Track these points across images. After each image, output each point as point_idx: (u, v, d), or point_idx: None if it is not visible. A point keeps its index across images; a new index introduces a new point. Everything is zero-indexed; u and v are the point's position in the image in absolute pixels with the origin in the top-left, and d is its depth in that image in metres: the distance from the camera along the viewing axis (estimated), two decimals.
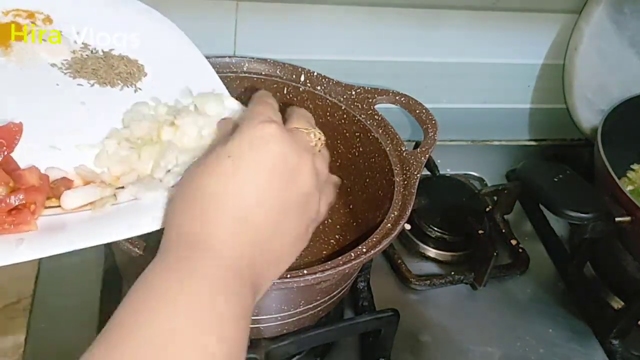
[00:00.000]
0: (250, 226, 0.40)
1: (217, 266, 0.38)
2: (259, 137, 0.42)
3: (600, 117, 0.81)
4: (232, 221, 0.40)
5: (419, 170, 0.62)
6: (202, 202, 0.41)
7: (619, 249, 0.75)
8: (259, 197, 0.41)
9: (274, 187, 0.41)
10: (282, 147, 0.42)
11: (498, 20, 0.85)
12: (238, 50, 0.78)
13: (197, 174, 0.42)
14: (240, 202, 0.40)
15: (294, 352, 0.63)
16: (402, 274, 0.74)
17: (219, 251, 0.39)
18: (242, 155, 0.41)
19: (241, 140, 0.42)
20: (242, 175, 0.41)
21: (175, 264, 0.38)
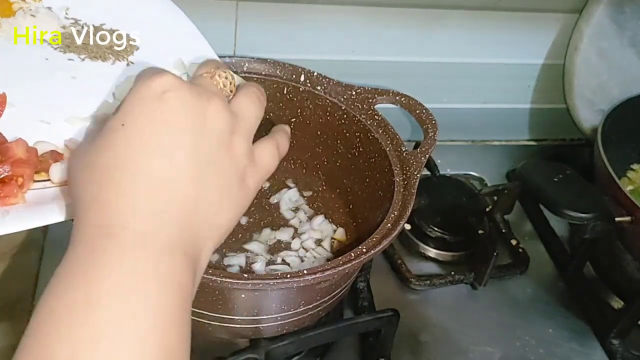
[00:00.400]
0: (163, 192, 0.36)
1: (133, 247, 0.34)
2: (150, 94, 0.37)
3: (600, 117, 0.81)
4: (140, 193, 0.35)
5: (419, 170, 0.62)
6: (105, 183, 0.36)
7: (619, 249, 0.75)
8: (165, 158, 0.36)
9: (180, 142, 0.36)
10: (179, 96, 0.37)
11: (498, 20, 0.85)
12: (238, 50, 0.78)
13: (91, 151, 0.37)
14: (143, 170, 0.35)
15: (294, 352, 0.63)
16: (402, 274, 0.74)
17: (132, 230, 0.34)
18: (135, 119, 0.36)
19: (132, 101, 0.37)
20: (139, 141, 0.36)
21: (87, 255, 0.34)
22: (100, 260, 0.34)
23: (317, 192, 0.75)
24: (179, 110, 0.37)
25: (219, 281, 0.49)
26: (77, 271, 0.34)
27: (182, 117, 0.37)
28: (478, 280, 0.74)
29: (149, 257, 0.34)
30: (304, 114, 0.72)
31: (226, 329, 0.58)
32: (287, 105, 0.72)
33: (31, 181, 0.44)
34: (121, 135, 0.36)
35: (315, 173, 0.75)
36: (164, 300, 0.34)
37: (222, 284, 0.50)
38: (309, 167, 0.75)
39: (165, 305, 0.34)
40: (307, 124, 0.72)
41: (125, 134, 0.36)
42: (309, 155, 0.74)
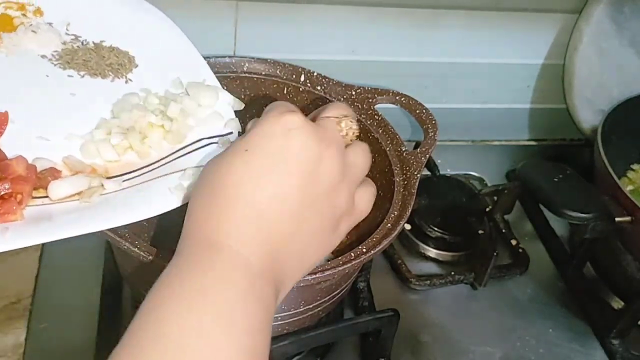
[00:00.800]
0: (265, 222, 0.38)
1: (234, 266, 0.37)
2: (277, 128, 0.39)
3: (600, 117, 0.81)
4: (246, 218, 0.38)
5: (419, 170, 0.62)
6: (217, 199, 0.39)
7: (619, 249, 0.75)
8: (275, 191, 0.39)
9: (292, 180, 0.39)
10: (302, 137, 0.39)
11: (498, 20, 0.85)
12: (238, 50, 0.78)
13: (213, 169, 0.40)
14: (253, 197, 0.38)
15: (294, 352, 0.63)
16: (402, 274, 0.74)
17: (235, 250, 0.37)
18: (258, 147, 0.39)
19: (259, 131, 0.40)
20: (256, 169, 0.39)
21: (194, 265, 0.37)
22: (204, 270, 0.37)
23: None
24: (298, 150, 0.39)
25: None
26: (184, 276, 0.36)
27: (300, 157, 0.39)
28: (478, 280, 0.74)
29: (248, 277, 0.37)
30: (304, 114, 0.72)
31: None
32: None
33: (30, 198, 0.44)
34: (241, 160, 0.39)
35: None
36: (256, 314, 0.37)
37: None
38: None
39: (256, 318, 0.36)
40: None
41: (245, 159, 0.39)
42: None
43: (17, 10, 0.57)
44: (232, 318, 0.35)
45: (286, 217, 0.39)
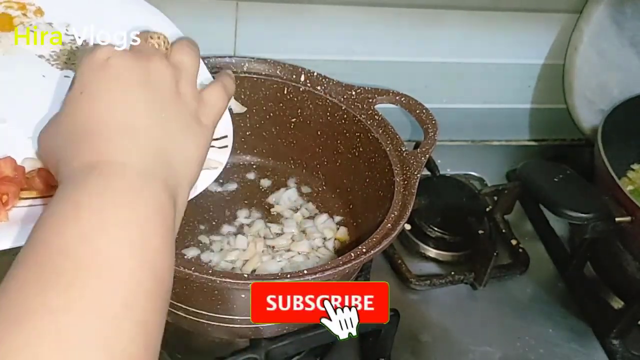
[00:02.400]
0: (131, 133, 0.40)
1: (112, 172, 0.38)
2: (96, 63, 0.42)
3: (600, 117, 0.81)
4: (111, 136, 0.39)
5: (419, 170, 0.62)
6: (74, 136, 0.40)
7: (619, 249, 0.75)
8: (124, 110, 0.41)
9: (132, 95, 0.41)
10: (121, 60, 0.42)
11: (498, 20, 0.85)
12: (238, 50, 0.78)
13: (58, 116, 0.43)
14: (108, 120, 0.40)
15: (294, 352, 0.63)
16: (402, 274, 0.74)
17: (110, 160, 0.38)
18: (90, 84, 0.41)
19: (82, 72, 0.42)
20: (99, 100, 0.41)
21: (72, 186, 0.37)
22: (87, 186, 0.37)
23: (317, 192, 0.75)
24: (124, 71, 0.42)
25: (218, 281, 0.49)
26: (68, 199, 0.37)
27: (128, 76, 0.42)
28: (478, 280, 0.74)
29: (134, 182, 0.38)
30: (304, 114, 0.72)
31: (226, 329, 0.58)
32: (287, 105, 0.72)
33: (16, 199, 0.44)
34: (83, 100, 0.41)
35: (315, 173, 0.75)
36: (152, 220, 0.37)
37: (221, 284, 0.50)
38: (309, 167, 0.75)
39: (152, 225, 0.37)
40: (307, 124, 0.72)
41: (86, 98, 0.41)
42: (309, 155, 0.74)
43: (18, 9, 0.57)
44: (117, 220, 0.35)
45: (147, 125, 0.41)
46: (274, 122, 0.74)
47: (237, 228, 0.70)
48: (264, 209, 0.72)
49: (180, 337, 0.63)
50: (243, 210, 0.72)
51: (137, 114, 0.41)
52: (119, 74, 0.42)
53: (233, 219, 0.71)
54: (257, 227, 0.69)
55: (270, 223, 0.71)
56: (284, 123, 0.73)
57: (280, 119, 0.73)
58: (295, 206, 0.73)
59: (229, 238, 0.68)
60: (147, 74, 0.42)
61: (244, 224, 0.70)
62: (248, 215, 0.71)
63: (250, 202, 0.73)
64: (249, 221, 0.71)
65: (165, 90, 0.43)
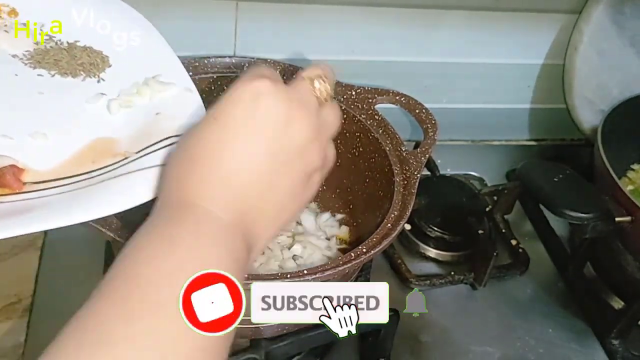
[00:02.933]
0: (235, 183, 0.40)
1: (205, 222, 0.39)
2: (246, 94, 0.40)
3: (600, 117, 0.81)
4: (216, 180, 0.40)
5: (419, 170, 0.62)
6: (188, 165, 0.41)
7: (619, 249, 0.75)
8: (243, 154, 0.40)
9: (260, 143, 0.40)
10: (270, 100, 0.40)
11: (498, 20, 0.85)
12: (238, 50, 0.78)
13: (186, 138, 0.42)
14: (222, 160, 0.40)
15: (294, 352, 0.63)
16: (402, 274, 0.74)
17: (205, 208, 0.39)
18: (226, 113, 0.41)
19: (228, 98, 0.41)
20: (225, 134, 0.40)
21: (166, 220, 0.39)
22: (177, 224, 0.39)
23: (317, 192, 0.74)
24: (265, 113, 0.40)
25: None
26: (157, 231, 0.38)
27: (268, 120, 0.40)
28: (478, 280, 0.74)
29: (217, 228, 0.39)
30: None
31: None
32: None
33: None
34: (212, 128, 0.41)
35: None
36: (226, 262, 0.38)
37: None
38: None
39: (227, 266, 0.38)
40: None
41: (216, 128, 0.41)
42: None
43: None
44: (203, 262, 0.37)
45: (255, 178, 0.40)
46: None
47: None
48: None
49: None
50: None
51: (253, 164, 0.40)
52: (260, 117, 0.40)
53: None
54: None
55: None
56: None
57: None
58: None
59: None
60: (289, 124, 0.41)
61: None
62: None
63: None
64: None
65: (294, 148, 0.42)
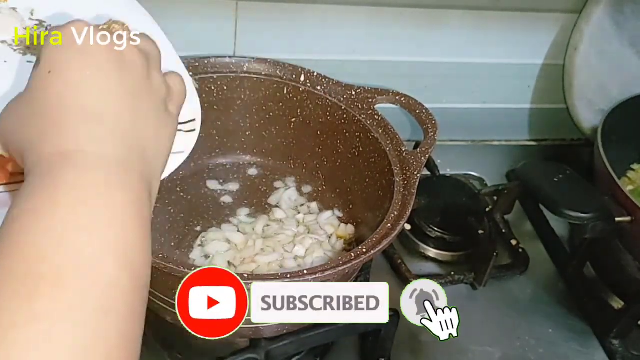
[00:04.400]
0: (103, 120, 0.38)
1: (86, 164, 0.36)
2: (67, 37, 0.39)
3: (600, 117, 0.81)
4: (83, 122, 0.37)
5: (419, 170, 0.62)
6: (48, 120, 0.37)
7: (619, 249, 0.75)
8: (94, 92, 0.38)
9: (105, 79, 0.39)
10: (96, 37, 0.39)
11: (498, 20, 0.85)
12: (238, 50, 0.78)
13: (25, 101, 0.39)
14: (82, 102, 0.38)
15: (294, 352, 0.63)
16: (402, 274, 0.74)
17: (83, 151, 0.36)
18: (61, 62, 0.39)
19: (50, 49, 0.39)
20: (69, 82, 0.38)
21: (44, 177, 0.35)
22: (61, 179, 0.35)
23: (317, 192, 0.75)
24: (97, 51, 0.39)
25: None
26: (41, 194, 0.34)
27: (102, 56, 0.39)
28: (478, 280, 0.74)
29: (109, 175, 0.36)
30: (304, 114, 0.72)
31: None
32: (287, 105, 0.72)
33: None
34: (52, 79, 0.38)
35: (315, 173, 0.75)
36: (129, 216, 0.35)
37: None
38: (309, 167, 0.75)
39: (130, 220, 0.35)
40: (307, 124, 0.72)
41: (55, 77, 0.38)
42: (309, 155, 0.74)
43: None
44: (95, 218, 0.34)
45: (117, 111, 0.39)
46: (274, 122, 0.74)
47: (237, 227, 0.70)
48: (264, 208, 0.72)
49: (180, 337, 0.63)
50: (243, 210, 0.72)
51: (111, 98, 0.39)
52: (92, 53, 0.39)
53: (233, 219, 0.71)
54: (257, 226, 0.69)
55: (270, 222, 0.71)
56: (284, 123, 0.73)
57: (280, 119, 0.73)
58: (295, 206, 0.73)
59: (229, 237, 0.68)
60: (121, 57, 0.40)
61: (244, 223, 0.70)
62: (248, 215, 0.72)
63: (250, 202, 0.73)
64: (249, 220, 0.71)
65: (137, 76, 0.41)
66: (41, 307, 0.31)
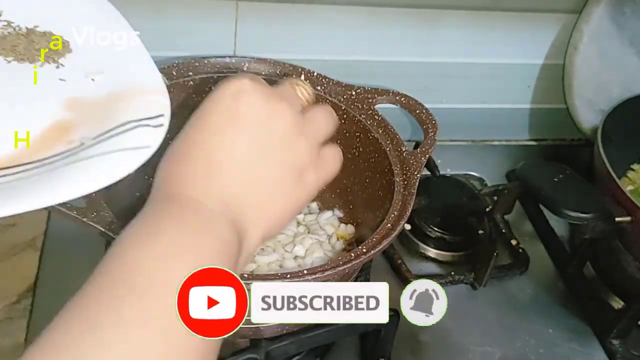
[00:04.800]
0: (219, 174, 0.41)
1: (189, 209, 0.40)
2: (226, 93, 0.42)
3: (600, 117, 0.81)
4: (202, 173, 0.41)
5: (419, 170, 0.62)
6: (176, 163, 0.42)
7: (619, 249, 0.75)
8: (226, 146, 0.42)
9: (243, 135, 0.42)
10: (249, 96, 0.42)
11: (498, 20, 0.85)
12: (238, 50, 0.78)
13: (174, 142, 0.44)
14: (208, 154, 0.42)
15: (294, 352, 0.63)
16: (402, 274, 0.74)
17: (190, 196, 0.40)
18: (208, 113, 0.43)
19: (209, 99, 0.43)
20: (208, 131, 0.42)
21: (152, 214, 0.40)
22: (162, 213, 0.40)
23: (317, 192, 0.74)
24: (245, 108, 0.42)
25: None
26: (149, 222, 0.39)
27: (248, 115, 0.42)
28: (478, 280, 0.74)
29: (202, 215, 0.40)
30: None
31: None
32: None
33: None
34: (195, 128, 0.43)
35: None
36: (212, 247, 0.38)
37: None
38: None
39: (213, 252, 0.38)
40: None
41: (199, 126, 0.43)
42: None
43: None
44: (183, 250, 0.37)
45: (237, 167, 0.42)
46: None
47: None
48: None
49: None
50: None
51: (234, 155, 0.42)
52: (239, 111, 0.42)
53: None
54: None
55: None
56: None
57: None
58: None
59: None
60: (270, 117, 0.42)
61: None
62: None
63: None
64: None
65: (278, 136, 0.43)
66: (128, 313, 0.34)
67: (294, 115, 0.44)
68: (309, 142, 0.45)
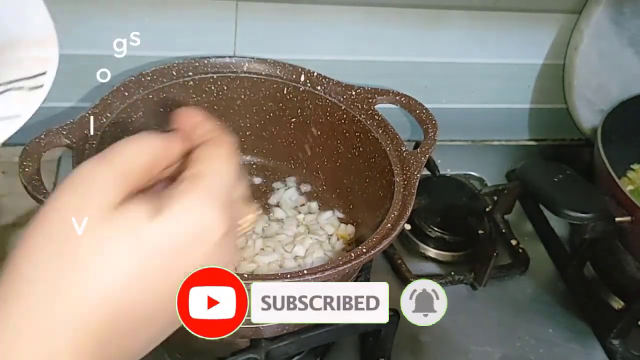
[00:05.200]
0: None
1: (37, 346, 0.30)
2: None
3: (600, 117, 0.81)
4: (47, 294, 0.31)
5: (419, 170, 0.62)
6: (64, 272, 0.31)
7: (619, 249, 0.75)
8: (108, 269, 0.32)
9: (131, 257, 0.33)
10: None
11: (498, 20, 0.85)
12: (238, 50, 0.78)
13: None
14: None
15: (294, 352, 0.63)
16: (402, 274, 0.74)
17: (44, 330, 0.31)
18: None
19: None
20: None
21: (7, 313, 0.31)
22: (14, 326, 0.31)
23: (317, 192, 0.75)
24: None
25: None
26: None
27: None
28: (478, 280, 0.74)
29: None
30: (304, 114, 0.72)
31: None
32: (287, 105, 0.72)
33: None
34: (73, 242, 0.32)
35: (315, 173, 0.75)
36: None
37: None
38: (309, 167, 0.75)
39: None
40: (307, 124, 0.72)
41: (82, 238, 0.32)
42: (309, 155, 0.74)
43: None
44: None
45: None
46: (274, 122, 0.74)
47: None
48: (264, 208, 0.72)
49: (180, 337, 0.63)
50: None
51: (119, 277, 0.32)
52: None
53: None
54: (257, 226, 0.69)
55: (270, 222, 0.71)
56: (284, 123, 0.73)
57: (280, 119, 0.73)
58: (295, 205, 0.73)
59: None
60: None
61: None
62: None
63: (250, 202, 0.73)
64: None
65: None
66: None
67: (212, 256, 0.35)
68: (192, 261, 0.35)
